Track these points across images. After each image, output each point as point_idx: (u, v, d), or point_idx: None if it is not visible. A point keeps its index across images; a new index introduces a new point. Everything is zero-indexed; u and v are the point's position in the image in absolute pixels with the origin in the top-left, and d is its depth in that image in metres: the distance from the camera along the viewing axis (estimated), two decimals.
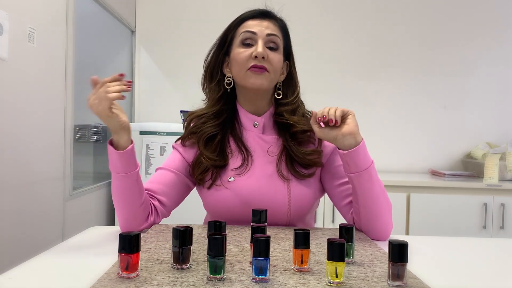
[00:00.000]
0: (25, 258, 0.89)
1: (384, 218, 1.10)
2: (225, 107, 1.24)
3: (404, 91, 3.21)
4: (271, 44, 1.19)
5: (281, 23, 1.25)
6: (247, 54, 1.17)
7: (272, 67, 1.18)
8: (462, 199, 2.61)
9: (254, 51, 1.17)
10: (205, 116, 1.24)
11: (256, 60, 1.16)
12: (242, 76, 1.19)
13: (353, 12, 3.22)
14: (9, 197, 1.70)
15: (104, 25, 2.97)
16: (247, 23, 1.21)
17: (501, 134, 3.16)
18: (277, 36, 1.21)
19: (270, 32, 1.19)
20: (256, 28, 1.19)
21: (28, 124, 1.84)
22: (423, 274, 0.80)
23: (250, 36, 1.19)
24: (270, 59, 1.17)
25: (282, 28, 1.24)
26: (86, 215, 2.46)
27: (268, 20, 1.22)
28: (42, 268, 0.86)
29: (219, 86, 1.25)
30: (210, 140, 1.21)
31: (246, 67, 1.17)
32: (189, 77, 3.14)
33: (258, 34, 1.18)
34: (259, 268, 0.72)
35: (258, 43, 1.17)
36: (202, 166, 1.19)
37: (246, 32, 1.19)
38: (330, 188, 1.23)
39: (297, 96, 1.26)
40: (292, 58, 1.28)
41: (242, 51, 1.18)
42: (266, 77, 1.18)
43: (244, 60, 1.17)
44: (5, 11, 1.65)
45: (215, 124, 1.22)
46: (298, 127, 1.20)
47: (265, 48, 1.18)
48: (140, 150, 2.68)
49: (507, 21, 3.19)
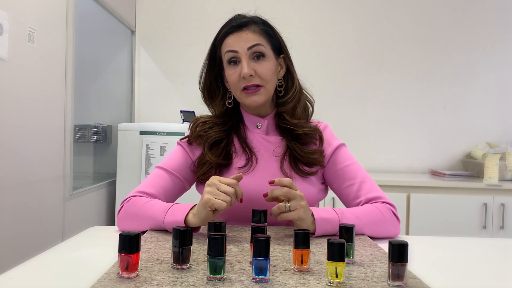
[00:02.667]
0: (25, 258, 0.89)
1: (387, 229, 1.13)
2: (231, 117, 1.26)
3: (404, 91, 3.21)
4: (256, 53, 1.18)
5: (262, 26, 1.21)
6: (236, 76, 1.17)
7: (263, 80, 1.17)
8: (462, 199, 2.61)
9: (240, 71, 1.16)
10: (212, 122, 1.25)
11: (245, 81, 1.16)
12: (238, 96, 1.21)
13: (353, 12, 3.22)
14: (9, 196, 1.70)
15: (104, 25, 2.97)
16: (228, 41, 1.18)
17: (501, 134, 3.16)
18: (260, 44, 1.18)
19: (251, 44, 1.16)
20: (236, 45, 1.17)
21: (28, 124, 1.84)
22: (423, 274, 0.80)
23: (233, 55, 1.18)
24: (260, 73, 1.17)
25: (263, 31, 1.20)
26: (86, 215, 2.46)
27: (247, 30, 1.18)
28: (42, 268, 0.85)
29: (223, 100, 1.26)
30: (216, 144, 1.22)
31: (239, 88, 1.18)
32: (189, 77, 3.15)
33: (239, 52, 1.16)
34: (259, 268, 0.72)
35: (242, 62, 1.16)
36: (206, 165, 1.20)
37: (228, 52, 1.18)
38: (339, 190, 1.24)
39: (296, 89, 1.25)
40: (285, 50, 1.25)
41: (231, 72, 1.18)
42: (261, 93, 1.18)
43: (235, 82, 1.18)
44: (5, 11, 1.65)
45: (221, 130, 1.23)
46: (300, 131, 1.21)
47: (250, 63, 1.16)
48: (140, 150, 2.68)
49: (507, 22, 3.19)
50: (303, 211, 1.01)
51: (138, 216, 1.10)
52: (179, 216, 1.03)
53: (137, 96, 3.25)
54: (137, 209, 1.11)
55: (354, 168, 1.23)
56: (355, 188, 1.20)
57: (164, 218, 1.05)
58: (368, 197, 1.18)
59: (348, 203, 1.22)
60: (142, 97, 3.25)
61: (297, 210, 1.00)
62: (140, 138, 2.68)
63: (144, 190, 1.17)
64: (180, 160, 1.23)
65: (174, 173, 1.21)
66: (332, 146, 1.24)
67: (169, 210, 1.06)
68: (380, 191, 1.20)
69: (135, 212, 1.11)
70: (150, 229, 1.09)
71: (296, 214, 1.00)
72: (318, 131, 1.25)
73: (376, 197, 1.18)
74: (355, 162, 1.24)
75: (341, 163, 1.23)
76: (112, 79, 3.16)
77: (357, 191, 1.20)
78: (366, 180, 1.21)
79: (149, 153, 2.67)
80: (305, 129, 1.22)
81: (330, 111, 3.05)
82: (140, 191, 1.16)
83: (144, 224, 1.09)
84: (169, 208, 1.06)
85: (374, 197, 1.18)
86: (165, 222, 1.04)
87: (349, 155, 1.25)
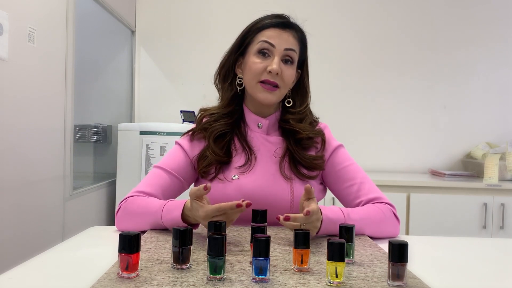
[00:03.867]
0: (25, 258, 0.89)
1: (387, 229, 1.13)
2: (237, 108, 1.26)
3: (404, 91, 3.20)
4: (287, 57, 1.19)
5: (301, 35, 1.24)
6: (262, 67, 1.18)
7: (283, 83, 1.19)
8: (462, 199, 2.61)
9: (269, 65, 1.17)
10: (218, 114, 1.25)
11: (269, 75, 1.17)
12: (253, 86, 1.20)
13: (353, 13, 3.22)
14: (9, 197, 1.70)
15: (104, 25, 2.97)
16: (267, 32, 1.19)
17: (501, 134, 3.16)
18: (294, 51, 1.20)
19: (288, 47, 1.19)
20: (275, 40, 1.18)
21: (28, 124, 1.84)
22: (423, 274, 0.80)
23: (267, 47, 1.18)
24: (283, 76, 1.18)
25: (300, 41, 1.23)
26: (86, 215, 2.46)
27: (289, 32, 1.20)
28: (42, 268, 0.86)
29: (231, 86, 1.26)
30: (220, 138, 1.23)
31: (258, 79, 1.18)
32: (189, 77, 3.15)
33: (276, 48, 1.18)
34: (259, 268, 0.72)
35: (274, 58, 1.17)
36: (207, 160, 1.20)
37: (264, 42, 1.19)
38: (338, 191, 1.24)
39: (307, 106, 1.27)
40: (306, 67, 1.28)
41: (258, 61, 1.18)
42: (276, 94, 1.20)
43: (258, 72, 1.18)
44: (5, 11, 1.65)
45: (227, 123, 1.24)
46: (304, 134, 1.21)
47: (280, 63, 1.18)
48: (140, 150, 2.68)
49: (507, 21, 3.19)
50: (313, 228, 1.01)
51: (135, 215, 1.10)
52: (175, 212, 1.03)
53: (137, 96, 3.25)
54: (134, 208, 1.11)
55: (353, 169, 1.23)
56: (355, 189, 1.20)
57: (161, 215, 1.05)
58: (368, 197, 1.18)
59: (348, 203, 1.22)
60: (142, 97, 3.25)
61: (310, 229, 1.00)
62: (140, 138, 2.68)
63: (142, 189, 1.17)
64: (179, 159, 1.23)
65: (172, 173, 1.21)
66: (330, 147, 1.25)
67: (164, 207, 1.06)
68: (380, 191, 1.21)
69: (132, 211, 1.11)
70: (148, 227, 1.09)
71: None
72: (321, 134, 1.25)
73: (376, 197, 1.18)
74: (354, 163, 1.25)
75: (340, 164, 1.23)
76: (112, 79, 3.16)
77: (357, 192, 1.20)
78: (366, 180, 1.22)
79: (149, 153, 2.67)
80: (308, 132, 1.22)
81: (330, 111, 3.05)
82: (138, 191, 1.16)
83: (142, 223, 1.09)
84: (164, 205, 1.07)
85: (374, 198, 1.18)
86: (164, 220, 1.05)
87: (347, 156, 1.26)
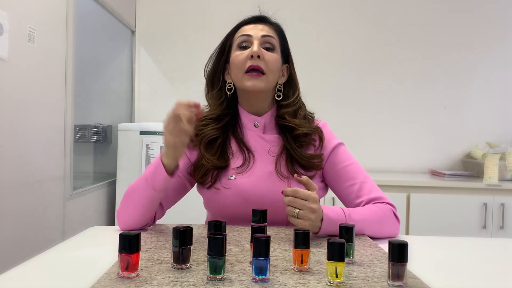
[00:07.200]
0: (25, 258, 0.89)
1: (388, 229, 1.14)
2: (226, 111, 1.26)
3: (404, 91, 3.20)
4: (267, 44, 1.23)
5: (277, 27, 1.29)
6: (244, 56, 1.20)
7: (268, 68, 1.20)
8: (462, 199, 2.60)
9: (249, 52, 1.19)
10: (206, 119, 1.25)
11: (252, 60, 1.19)
12: (240, 78, 1.21)
13: (353, 13, 3.22)
14: (9, 197, 1.70)
15: (104, 25, 2.97)
16: (243, 28, 1.26)
17: (501, 134, 3.16)
18: (272, 37, 1.24)
19: (265, 34, 1.23)
20: (251, 31, 1.23)
21: (28, 124, 1.84)
22: (423, 274, 0.80)
23: (246, 39, 1.23)
24: (266, 60, 1.20)
25: (278, 31, 1.28)
26: (86, 215, 2.46)
27: (263, 24, 1.26)
28: (42, 268, 0.86)
29: (220, 92, 1.27)
30: (211, 143, 1.22)
31: (243, 69, 1.20)
32: (189, 77, 3.15)
33: (253, 36, 1.22)
34: (259, 268, 0.72)
35: (253, 44, 1.21)
36: (203, 168, 1.20)
37: (242, 35, 1.23)
38: (339, 190, 1.24)
39: (298, 97, 1.28)
40: (291, 60, 1.30)
41: (239, 53, 1.22)
42: (263, 80, 1.20)
43: (242, 62, 1.20)
44: (5, 11, 1.65)
45: (216, 127, 1.23)
46: (300, 130, 1.21)
47: (261, 48, 1.20)
48: (140, 150, 2.68)
49: (507, 22, 3.18)
50: (309, 224, 1.01)
51: (130, 198, 1.11)
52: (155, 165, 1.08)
53: (137, 96, 3.25)
54: (127, 193, 1.13)
55: (355, 168, 1.23)
56: (356, 188, 1.20)
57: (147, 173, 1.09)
58: (369, 197, 1.18)
59: (349, 203, 1.22)
60: (142, 97, 3.25)
61: (303, 220, 1.01)
62: (140, 138, 2.68)
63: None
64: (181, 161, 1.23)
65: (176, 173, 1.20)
66: (330, 144, 1.24)
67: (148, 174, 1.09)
68: (381, 191, 1.21)
69: (127, 195, 1.13)
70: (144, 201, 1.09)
71: (301, 224, 1.01)
72: (319, 131, 1.24)
73: (378, 197, 1.18)
74: (355, 162, 1.24)
75: (341, 163, 1.23)
76: (112, 79, 3.16)
77: (358, 191, 1.20)
78: (367, 180, 1.21)
79: (149, 153, 2.67)
80: (305, 128, 1.21)
81: (330, 111, 3.04)
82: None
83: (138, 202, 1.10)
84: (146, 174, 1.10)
85: (376, 198, 1.18)
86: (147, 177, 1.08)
87: (348, 154, 1.25)
